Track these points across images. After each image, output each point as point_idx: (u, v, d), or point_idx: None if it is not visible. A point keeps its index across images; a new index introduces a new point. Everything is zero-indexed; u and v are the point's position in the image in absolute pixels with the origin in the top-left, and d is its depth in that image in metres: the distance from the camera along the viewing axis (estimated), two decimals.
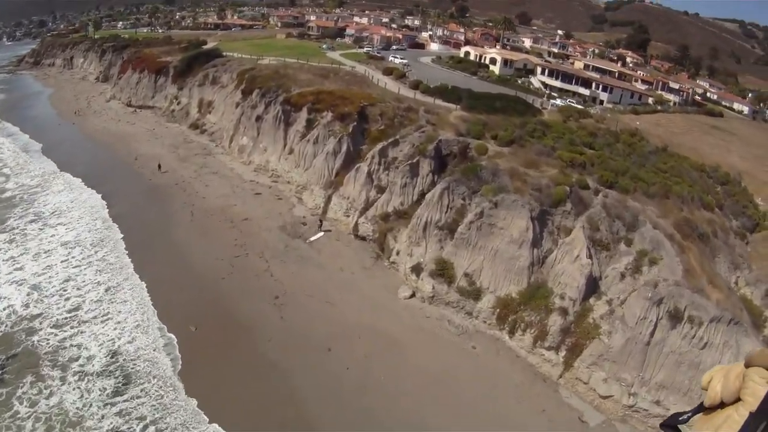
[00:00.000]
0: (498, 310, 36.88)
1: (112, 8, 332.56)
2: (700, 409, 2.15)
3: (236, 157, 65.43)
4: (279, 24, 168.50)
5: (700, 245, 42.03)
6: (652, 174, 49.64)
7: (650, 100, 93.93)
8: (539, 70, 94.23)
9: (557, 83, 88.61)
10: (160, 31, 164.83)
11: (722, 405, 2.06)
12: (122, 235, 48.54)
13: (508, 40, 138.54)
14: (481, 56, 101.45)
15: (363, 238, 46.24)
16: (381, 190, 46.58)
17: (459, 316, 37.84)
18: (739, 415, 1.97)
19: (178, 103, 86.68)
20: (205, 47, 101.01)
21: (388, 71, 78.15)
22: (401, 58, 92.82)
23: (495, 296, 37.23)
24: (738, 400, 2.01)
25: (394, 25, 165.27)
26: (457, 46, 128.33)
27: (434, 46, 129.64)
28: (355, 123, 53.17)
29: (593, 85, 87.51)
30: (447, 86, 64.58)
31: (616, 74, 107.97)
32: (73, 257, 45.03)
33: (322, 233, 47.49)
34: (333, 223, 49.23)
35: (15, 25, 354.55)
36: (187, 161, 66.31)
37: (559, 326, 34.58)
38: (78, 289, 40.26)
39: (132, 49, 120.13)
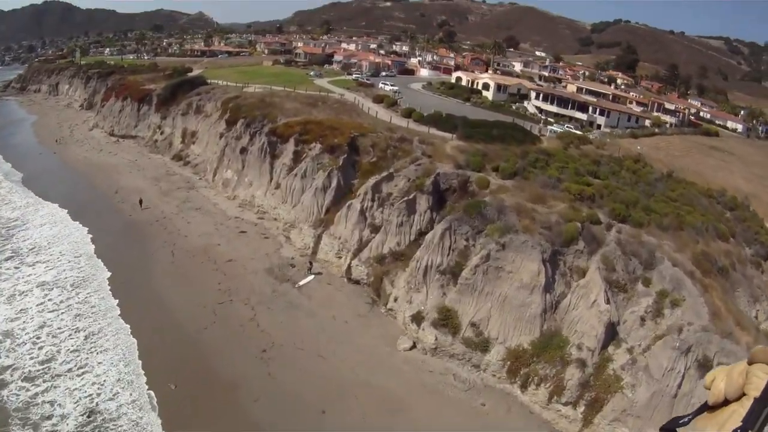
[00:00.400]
0: (509, 362, 33.23)
1: (101, 34, 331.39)
2: (702, 409, 2.18)
3: (220, 191, 61.84)
4: (266, 51, 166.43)
5: (720, 281, 38.97)
6: (663, 204, 46.59)
7: (647, 123, 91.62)
8: (533, 94, 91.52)
9: (553, 108, 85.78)
10: (146, 57, 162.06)
11: (726, 403, 2.10)
12: (109, 274, 44.95)
13: (499, 65, 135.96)
14: (473, 81, 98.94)
15: (357, 282, 42.46)
16: (375, 229, 42.89)
17: (465, 370, 34.08)
18: (744, 409, 2.00)
19: (161, 133, 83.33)
20: (189, 75, 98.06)
21: (379, 99, 74.71)
22: (391, 85, 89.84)
23: (505, 347, 33.56)
24: (742, 396, 2.05)
25: (382, 51, 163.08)
26: (448, 71, 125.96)
27: (424, 72, 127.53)
28: (345, 155, 49.68)
29: (590, 109, 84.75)
30: (441, 114, 61.35)
31: (610, 97, 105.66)
32: (50, 300, 41.22)
33: (312, 276, 43.75)
34: (324, 264, 45.40)
35: (4, 49, 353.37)
36: (169, 195, 62.72)
37: (578, 380, 31.08)
38: (53, 336, 36.49)
39: (116, 76, 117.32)
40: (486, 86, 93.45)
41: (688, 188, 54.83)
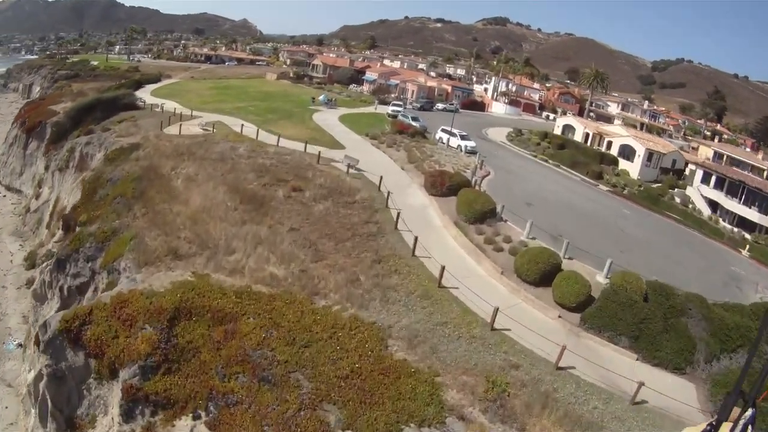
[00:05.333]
0: None
1: (141, 32, 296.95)
2: None
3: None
4: (288, 61, 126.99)
5: None
6: None
7: None
8: (699, 174, 47.49)
9: (747, 211, 42.83)
10: (135, 58, 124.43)
11: None
12: None
13: (592, 104, 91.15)
14: (598, 138, 55.88)
15: None
16: None
17: None
18: None
19: (38, 196, 44.05)
20: (112, 93, 56.25)
21: (444, 186, 29.39)
22: (462, 137, 44.70)
23: None
24: None
25: (432, 74, 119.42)
26: (530, 108, 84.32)
27: (499, 108, 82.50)
28: None
29: None
30: (642, 287, 18.97)
31: (766, 174, 62.49)
32: None
33: None
34: None
35: (39, 39, 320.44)
36: None
37: None
38: None
39: (63, 83, 78.99)
40: (626, 151, 50.94)
41: None
